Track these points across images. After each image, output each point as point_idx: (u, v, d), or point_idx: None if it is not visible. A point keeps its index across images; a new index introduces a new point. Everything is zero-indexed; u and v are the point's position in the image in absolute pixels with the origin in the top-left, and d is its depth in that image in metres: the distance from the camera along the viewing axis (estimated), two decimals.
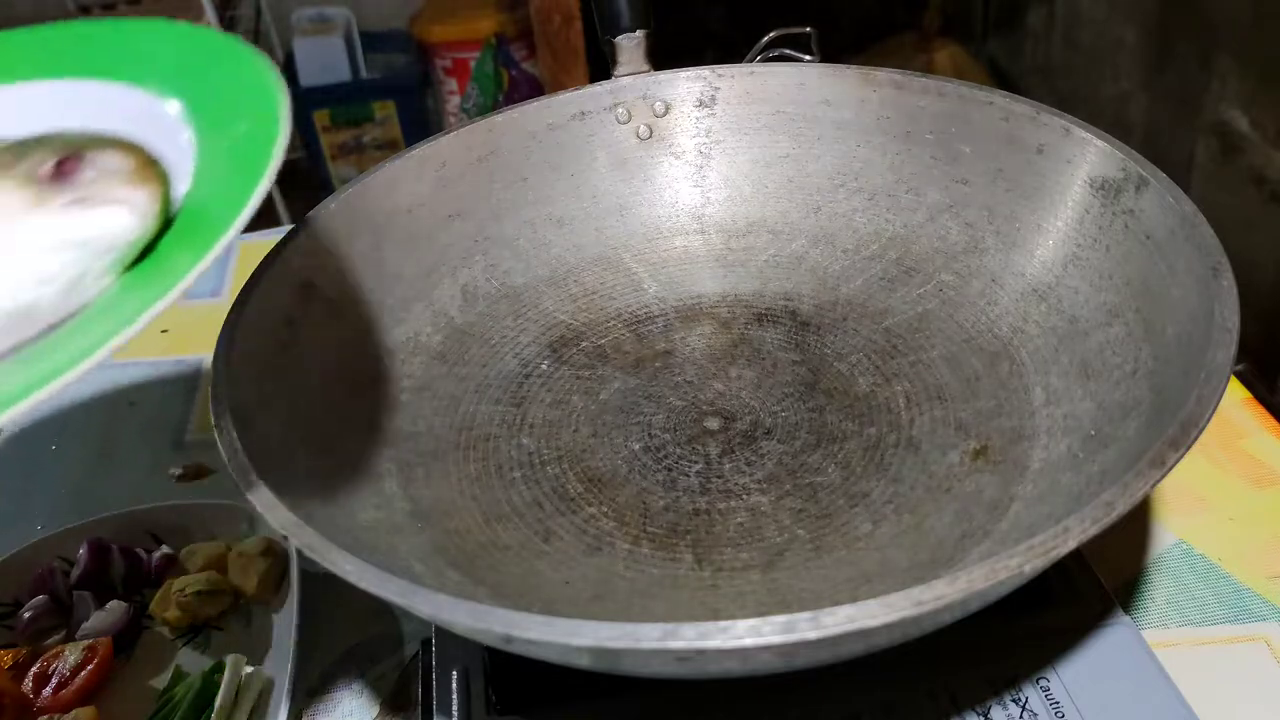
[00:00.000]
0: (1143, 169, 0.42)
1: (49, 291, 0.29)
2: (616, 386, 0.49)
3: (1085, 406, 0.41)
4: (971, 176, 0.49)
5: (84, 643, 0.45)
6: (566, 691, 0.38)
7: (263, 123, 0.31)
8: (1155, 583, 0.46)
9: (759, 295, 0.53)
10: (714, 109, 0.55)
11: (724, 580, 0.40)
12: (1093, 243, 0.45)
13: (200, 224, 0.29)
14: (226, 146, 0.31)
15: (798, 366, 0.49)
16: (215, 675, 0.44)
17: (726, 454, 0.45)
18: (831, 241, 0.53)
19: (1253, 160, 0.65)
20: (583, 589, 0.40)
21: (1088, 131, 0.45)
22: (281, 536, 0.48)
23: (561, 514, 0.43)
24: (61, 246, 0.29)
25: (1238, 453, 0.52)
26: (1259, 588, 0.46)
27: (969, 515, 0.40)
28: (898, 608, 0.27)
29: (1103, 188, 0.44)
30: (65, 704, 0.43)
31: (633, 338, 0.52)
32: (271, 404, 0.39)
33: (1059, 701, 0.38)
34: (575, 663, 0.31)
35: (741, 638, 0.27)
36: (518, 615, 0.28)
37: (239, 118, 0.32)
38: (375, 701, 0.45)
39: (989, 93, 0.49)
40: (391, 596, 0.29)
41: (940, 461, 0.43)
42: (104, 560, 0.49)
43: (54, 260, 0.29)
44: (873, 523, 0.41)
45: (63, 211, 0.29)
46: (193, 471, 0.57)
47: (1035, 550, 0.28)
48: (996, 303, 0.48)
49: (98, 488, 0.56)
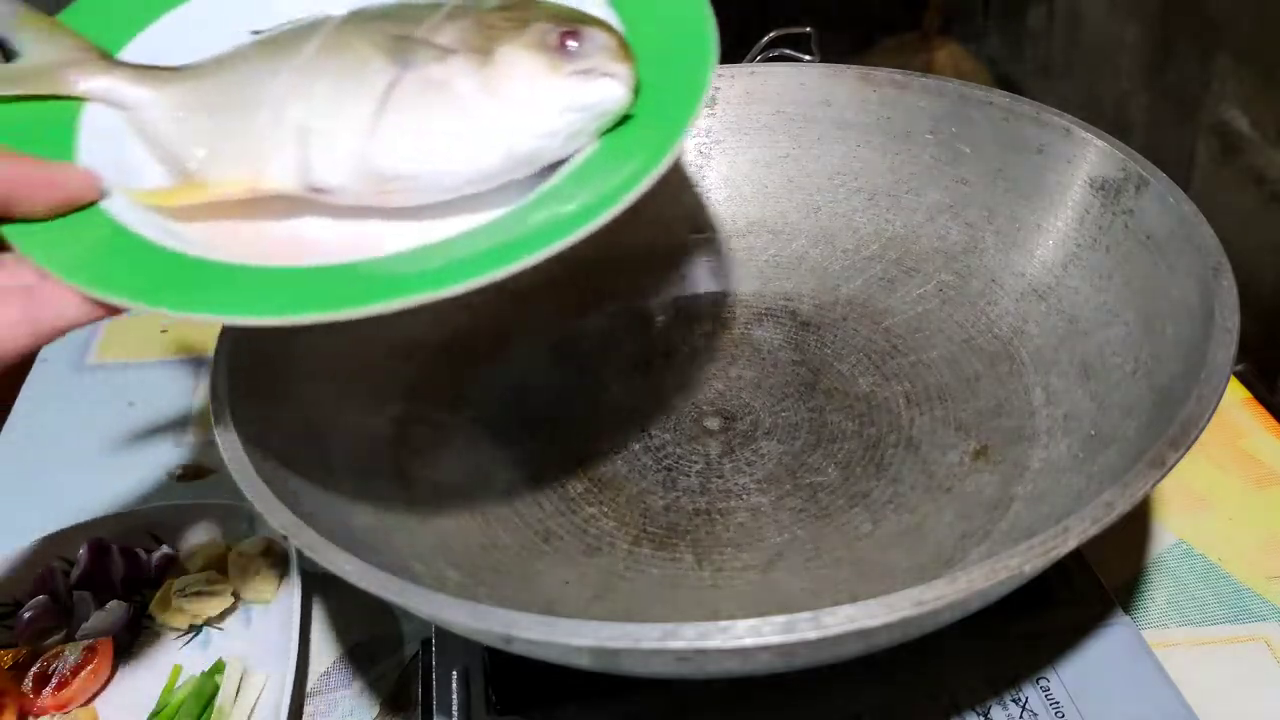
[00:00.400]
0: (1143, 169, 0.42)
1: (552, 144, 0.34)
2: (616, 387, 0.49)
3: (1085, 406, 0.41)
4: (971, 176, 0.49)
5: (84, 643, 0.45)
6: (566, 691, 0.38)
7: (692, 30, 0.35)
8: (1155, 583, 0.46)
9: (759, 295, 0.53)
10: (714, 109, 0.55)
11: (724, 580, 0.40)
12: (1093, 243, 0.45)
13: (665, 101, 0.34)
14: (659, 44, 0.35)
15: (798, 366, 0.49)
16: (215, 675, 0.44)
17: (726, 454, 0.45)
18: (831, 241, 0.53)
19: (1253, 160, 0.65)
20: (583, 589, 0.40)
21: (1088, 131, 0.45)
22: (281, 536, 0.48)
23: (561, 514, 0.43)
24: (568, 109, 0.33)
25: (1238, 453, 0.52)
26: (1259, 588, 0.46)
27: (969, 515, 0.40)
28: (898, 608, 0.27)
29: (1103, 188, 0.44)
30: (65, 704, 0.43)
31: (633, 338, 0.52)
32: (272, 404, 0.39)
33: (1059, 701, 0.38)
34: (575, 663, 0.31)
35: (741, 638, 0.27)
36: (518, 615, 0.28)
37: (664, 25, 0.36)
38: (375, 701, 0.45)
39: (989, 93, 0.49)
40: (391, 596, 0.29)
41: (940, 461, 0.43)
42: (104, 560, 0.49)
43: (560, 119, 0.33)
44: (873, 523, 0.41)
45: (571, 78, 0.33)
46: (193, 471, 0.57)
47: (1035, 550, 0.28)
48: (996, 303, 0.48)
49: (98, 488, 0.56)
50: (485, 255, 0.31)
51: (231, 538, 0.50)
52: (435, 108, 0.34)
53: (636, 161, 0.32)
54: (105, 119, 0.36)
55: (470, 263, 0.30)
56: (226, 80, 0.36)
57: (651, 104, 0.34)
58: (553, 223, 0.31)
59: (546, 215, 0.32)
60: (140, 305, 0.30)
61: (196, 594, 0.47)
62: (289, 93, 0.34)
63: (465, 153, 0.34)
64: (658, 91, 0.34)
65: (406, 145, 0.34)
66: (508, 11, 0.35)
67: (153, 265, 0.32)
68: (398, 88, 0.34)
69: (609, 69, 0.33)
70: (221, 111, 0.35)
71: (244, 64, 0.36)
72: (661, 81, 0.35)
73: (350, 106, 0.34)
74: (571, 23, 0.34)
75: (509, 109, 0.33)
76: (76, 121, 0.35)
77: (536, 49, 0.33)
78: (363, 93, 0.34)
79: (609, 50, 0.34)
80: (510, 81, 0.33)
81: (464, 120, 0.33)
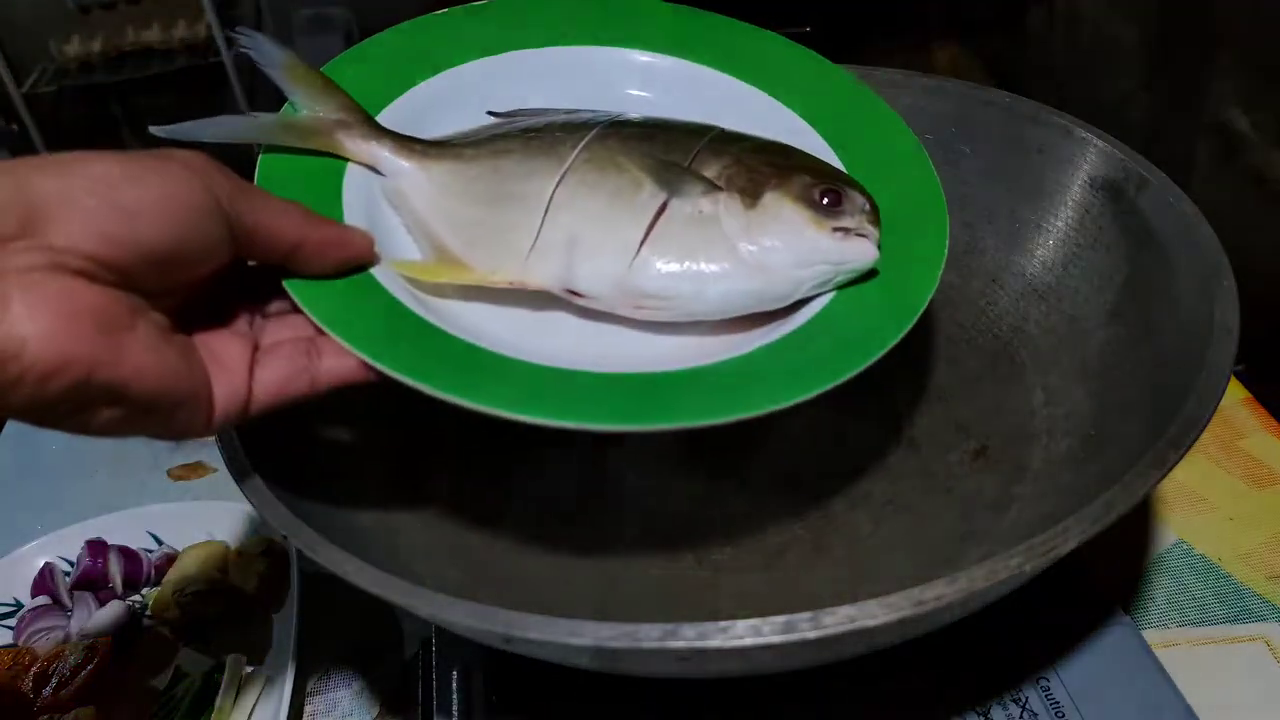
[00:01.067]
0: (1143, 169, 0.42)
1: (800, 290, 0.36)
2: None
3: (1085, 406, 0.41)
4: (971, 176, 0.49)
5: (84, 643, 0.45)
6: (566, 691, 0.38)
7: (928, 202, 0.39)
8: (1155, 583, 0.46)
9: None
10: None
11: (724, 580, 0.40)
12: (1093, 243, 0.45)
13: (893, 268, 0.37)
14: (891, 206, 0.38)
15: None
16: (215, 675, 0.44)
17: (726, 454, 0.45)
18: None
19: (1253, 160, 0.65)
20: (583, 589, 0.40)
21: (1088, 131, 0.45)
22: (281, 536, 0.48)
23: (562, 514, 0.43)
24: (822, 262, 0.36)
25: (1238, 453, 0.52)
26: (1259, 588, 0.46)
27: (969, 515, 0.40)
28: (898, 608, 0.27)
29: (1103, 188, 0.44)
30: (65, 704, 0.43)
31: None
32: None
33: (1059, 701, 0.38)
34: (575, 663, 0.31)
35: (741, 638, 0.27)
36: (518, 615, 0.28)
37: (892, 178, 0.40)
38: (375, 701, 0.45)
39: (989, 92, 0.48)
40: (391, 596, 0.29)
41: (940, 461, 0.43)
42: (104, 560, 0.49)
43: (813, 270, 0.36)
44: (873, 523, 0.41)
45: (832, 236, 0.36)
46: (193, 472, 0.57)
47: (1035, 550, 0.28)
48: (996, 303, 0.48)
49: (98, 488, 0.56)
50: (774, 383, 0.33)
51: (231, 538, 0.50)
52: (700, 240, 0.36)
53: (878, 321, 0.35)
54: (363, 181, 0.37)
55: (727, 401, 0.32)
56: (490, 169, 0.38)
57: (887, 264, 0.37)
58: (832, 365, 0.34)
59: (811, 355, 0.35)
60: (422, 387, 0.31)
61: (196, 594, 0.47)
62: (561, 200, 0.37)
63: (722, 285, 0.36)
64: (891, 254, 0.37)
65: (669, 269, 0.36)
66: (769, 155, 0.38)
67: (430, 346, 0.33)
68: (667, 214, 0.36)
69: (864, 230, 0.36)
70: (485, 202, 0.37)
71: (507, 158, 0.38)
72: (896, 245, 0.37)
73: (619, 222, 0.36)
74: (833, 180, 0.37)
75: (769, 254, 0.36)
76: (342, 182, 0.37)
77: (801, 202, 0.36)
78: (634, 213, 0.36)
79: (865, 213, 0.36)
80: (775, 226, 0.36)
81: (726, 256, 0.36)
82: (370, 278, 0.34)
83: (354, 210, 0.36)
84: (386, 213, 0.37)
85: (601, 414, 0.31)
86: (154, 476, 0.57)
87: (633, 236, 0.36)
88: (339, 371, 0.32)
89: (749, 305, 0.36)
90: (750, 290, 0.36)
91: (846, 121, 0.42)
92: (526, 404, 0.31)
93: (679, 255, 0.36)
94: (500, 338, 0.35)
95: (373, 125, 0.38)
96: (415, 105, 0.40)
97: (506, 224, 0.37)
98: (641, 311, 0.36)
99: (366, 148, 0.37)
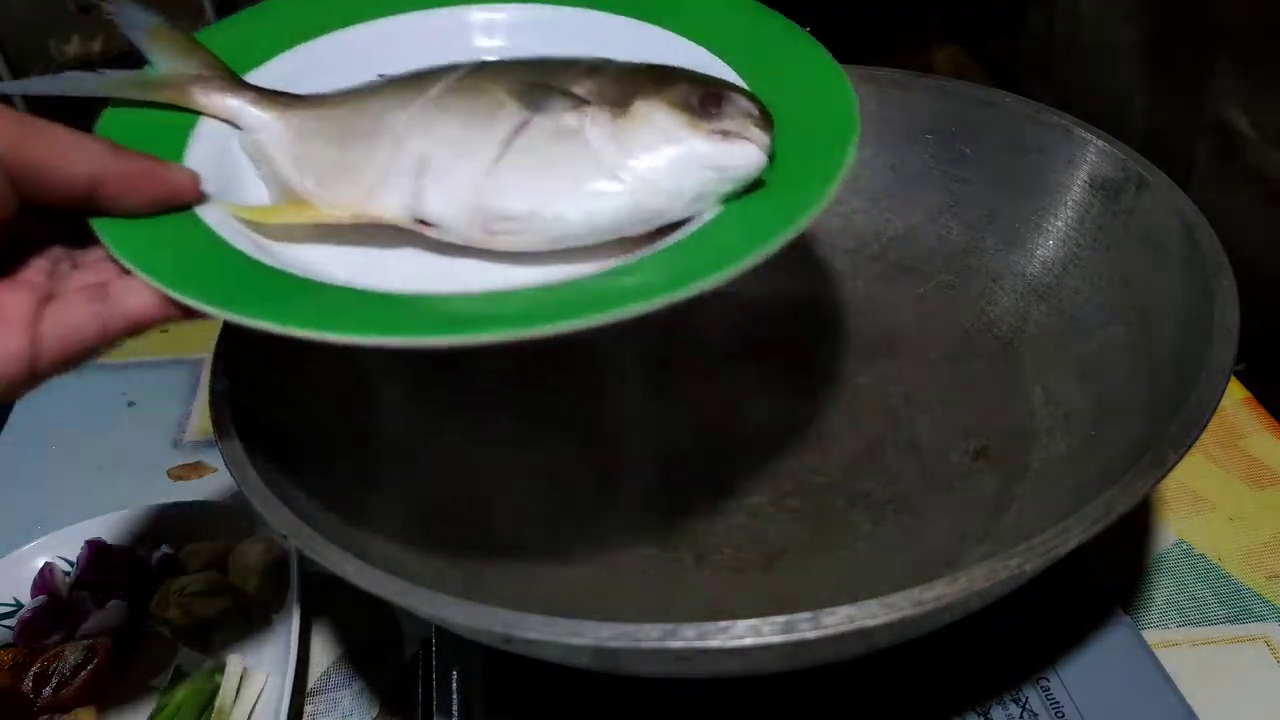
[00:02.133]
0: (1143, 169, 0.42)
1: (676, 204, 0.33)
2: (616, 388, 0.49)
3: (1085, 406, 0.41)
4: (971, 176, 0.49)
5: (84, 643, 0.45)
6: (566, 691, 0.38)
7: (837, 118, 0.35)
8: (1155, 583, 0.46)
9: (759, 295, 0.53)
10: None
11: (724, 580, 0.40)
12: (1093, 243, 0.45)
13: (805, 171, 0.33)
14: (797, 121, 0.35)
15: (797, 367, 0.49)
16: (215, 675, 0.44)
17: (726, 454, 0.45)
18: (831, 241, 0.53)
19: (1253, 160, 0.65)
20: (583, 589, 0.40)
21: (1088, 131, 0.45)
22: (281, 536, 0.48)
23: (562, 514, 0.43)
24: (702, 168, 0.32)
25: (1238, 453, 0.52)
26: (1259, 588, 0.45)
27: (969, 515, 0.40)
28: (898, 608, 0.27)
29: (1103, 188, 0.44)
30: (65, 704, 0.43)
31: (632, 339, 0.52)
32: (271, 404, 0.39)
33: (1059, 701, 0.38)
34: (575, 663, 0.31)
35: (741, 638, 0.27)
36: (518, 615, 0.28)
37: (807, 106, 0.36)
38: (375, 701, 0.45)
39: (989, 92, 0.49)
40: (391, 596, 0.29)
41: (940, 461, 0.43)
42: (104, 560, 0.49)
43: (691, 178, 0.33)
44: (873, 523, 0.41)
45: (709, 137, 0.32)
46: (193, 471, 0.57)
47: (1035, 550, 0.28)
48: (996, 303, 0.48)
49: (98, 488, 0.56)
50: (565, 304, 0.30)
51: (231, 538, 0.50)
52: (560, 152, 0.33)
53: (757, 232, 0.31)
54: (217, 136, 0.36)
55: (545, 310, 0.30)
56: (351, 111, 0.36)
57: (783, 177, 0.33)
58: (643, 285, 0.30)
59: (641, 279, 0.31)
60: (213, 310, 0.29)
61: (196, 594, 0.47)
62: (413, 125, 0.34)
63: (582, 201, 0.33)
64: (792, 165, 0.34)
65: (523, 185, 0.33)
66: (650, 72, 0.35)
67: (236, 273, 0.31)
68: (526, 130, 0.33)
69: (748, 133, 0.33)
70: (340, 141, 0.35)
71: (371, 99, 0.36)
72: (797, 155, 0.34)
73: (474, 143, 0.33)
74: (716, 86, 0.34)
75: (638, 160, 0.33)
76: (190, 133, 0.36)
77: (677, 106, 0.33)
78: (489, 131, 0.33)
79: (751, 116, 0.33)
80: (644, 133, 0.33)
81: (587, 167, 0.33)
82: (192, 215, 0.33)
83: (199, 160, 0.34)
84: (241, 166, 0.36)
85: (420, 327, 0.29)
86: (154, 476, 0.57)
87: (487, 156, 0.33)
88: (134, 311, 0.30)
89: (620, 224, 0.33)
90: (619, 206, 0.33)
91: (756, 49, 0.39)
92: (330, 322, 0.29)
93: (537, 171, 0.33)
94: (335, 276, 0.32)
95: (233, 79, 0.36)
96: (296, 66, 0.39)
97: (358, 159, 0.34)
98: (498, 239, 0.33)
99: (223, 101, 0.36)
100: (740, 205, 0.33)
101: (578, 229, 0.33)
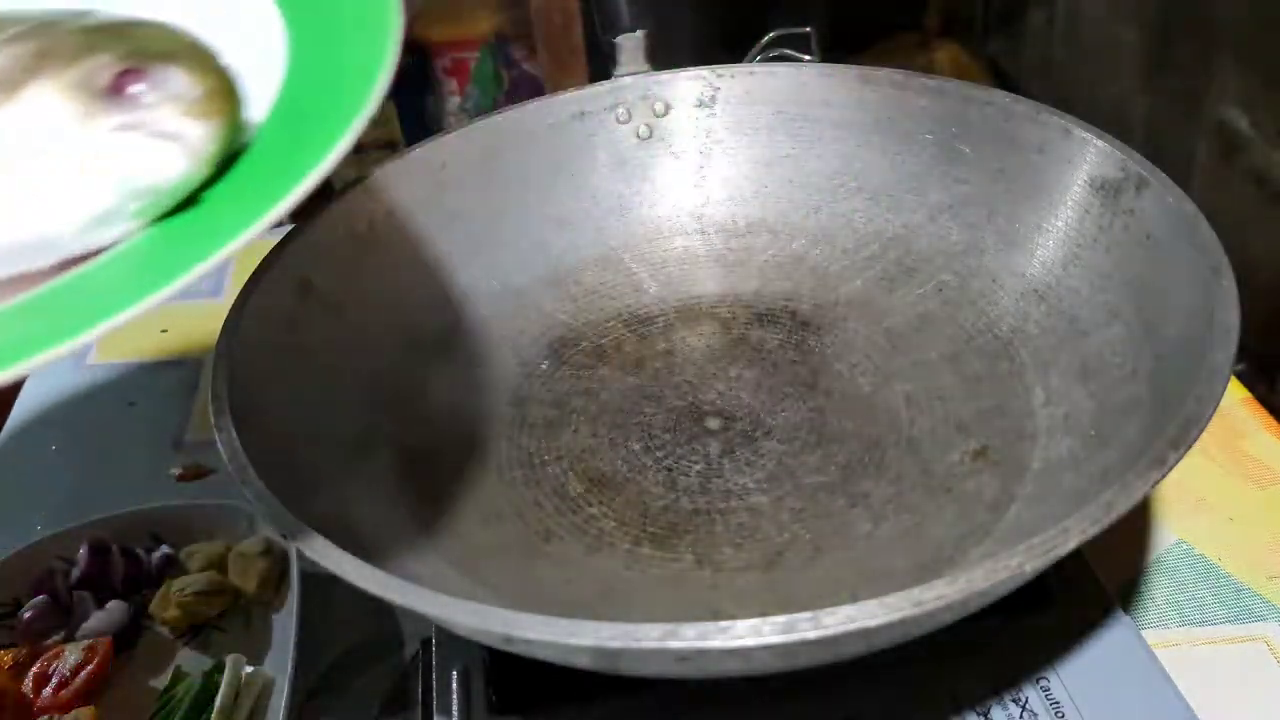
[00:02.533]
0: (1143, 169, 0.42)
1: (69, 226, 0.25)
2: (616, 387, 0.49)
3: (1085, 406, 0.41)
4: (971, 176, 0.49)
5: (84, 643, 0.45)
6: (566, 691, 0.38)
7: (365, 56, 0.26)
8: (1155, 583, 0.46)
9: (759, 295, 0.53)
10: (714, 109, 0.55)
11: (724, 580, 0.40)
12: (1093, 243, 0.45)
13: (260, 179, 0.25)
14: (318, 73, 0.27)
15: (798, 367, 0.49)
16: (215, 675, 0.44)
17: (727, 454, 0.45)
18: (831, 241, 0.53)
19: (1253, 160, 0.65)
20: (583, 589, 0.40)
21: (1088, 131, 0.45)
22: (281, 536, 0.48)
23: (561, 514, 0.43)
24: (98, 174, 0.24)
25: (1238, 453, 0.52)
26: (1259, 588, 0.45)
27: (969, 515, 0.40)
28: (898, 608, 0.27)
29: (1103, 188, 0.44)
30: (65, 704, 0.43)
31: (633, 338, 0.52)
32: (271, 404, 0.39)
33: (1059, 701, 0.38)
34: (575, 663, 0.31)
35: (741, 638, 0.27)
36: (518, 615, 0.28)
37: (341, 42, 0.27)
38: (375, 701, 0.45)
39: (989, 92, 0.48)
40: (391, 596, 0.29)
41: (940, 461, 0.43)
42: (104, 560, 0.49)
43: (85, 189, 0.25)
44: (873, 523, 0.41)
45: (109, 135, 0.25)
46: (193, 471, 0.57)
47: (1035, 550, 0.28)
48: (996, 303, 0.48)
49: (98, 488, 0.56)
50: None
51: (231, 538, 0.50)
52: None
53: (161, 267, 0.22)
54: None
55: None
56: None
57: (242, 183, 0.25)
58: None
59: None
60: None
61: (196, 594, 0.47)
62: None
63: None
64: (264, 165, 0.25)
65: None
66: (90, 35, 0.25)
67: None
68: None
69: (168, 127, 0.24)
70: None
71: None
72: (281, 145, 0.26)
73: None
74: (148, 58, 0.25)
75: (19, 167, 0.24)
76: None
77: (74, 91, 0.24)
78: None
79: (180, 100, 0.25)
80: (30, 127, 0.24)
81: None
82: None
83: None
84: None
85: None
86: (154, 476, 0.57)
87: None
88: None
89: (6, 255, 0.24)
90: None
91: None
92: None
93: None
94: None
95: None
96: None
97: None
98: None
99: None
100: (168, 228, 0.25)
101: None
